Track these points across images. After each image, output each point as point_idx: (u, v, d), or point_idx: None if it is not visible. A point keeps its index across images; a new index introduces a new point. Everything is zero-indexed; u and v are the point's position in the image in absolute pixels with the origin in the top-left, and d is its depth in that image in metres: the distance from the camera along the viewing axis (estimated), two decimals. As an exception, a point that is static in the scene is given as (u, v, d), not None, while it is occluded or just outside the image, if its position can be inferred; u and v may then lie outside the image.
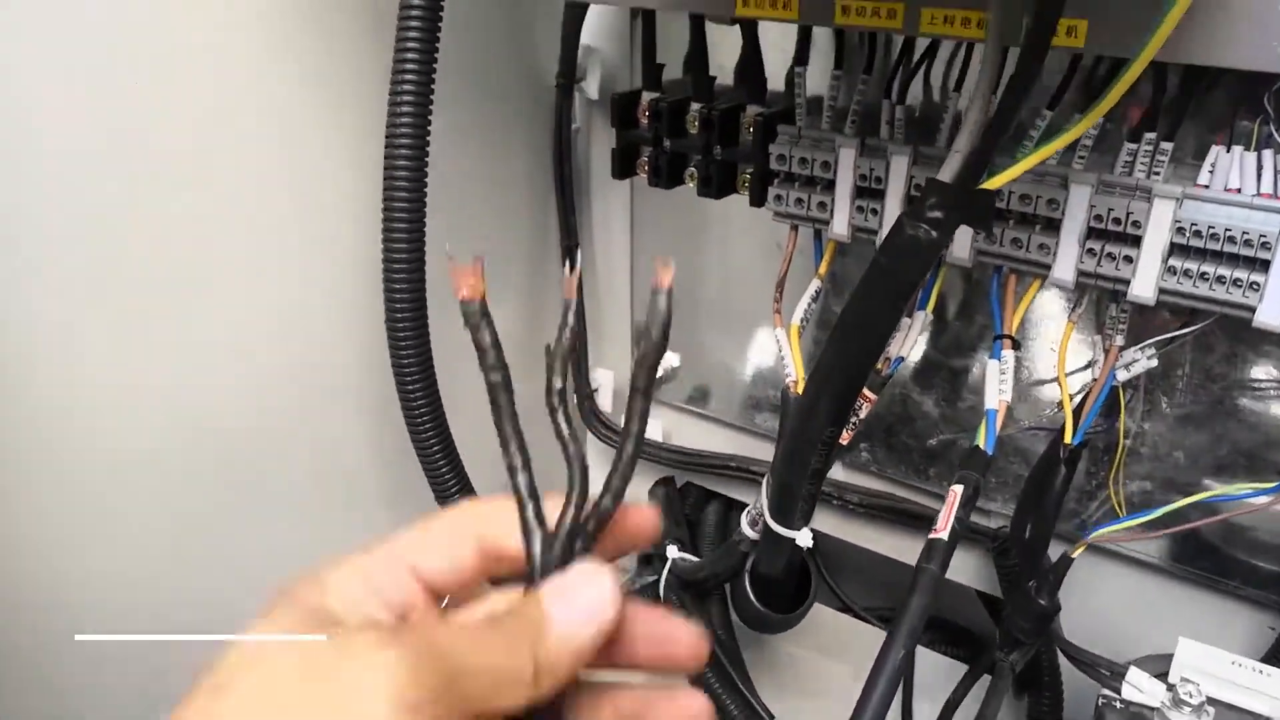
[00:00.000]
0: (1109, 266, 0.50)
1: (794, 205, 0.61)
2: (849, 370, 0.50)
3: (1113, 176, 0.50)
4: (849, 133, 0.58)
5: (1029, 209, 0.52)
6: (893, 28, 0.50)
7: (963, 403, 0.70)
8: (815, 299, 0.63)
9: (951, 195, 0.43)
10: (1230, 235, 0.47)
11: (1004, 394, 0.54)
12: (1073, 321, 0.56)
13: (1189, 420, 0.61)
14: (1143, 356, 0.55)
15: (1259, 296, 0.47)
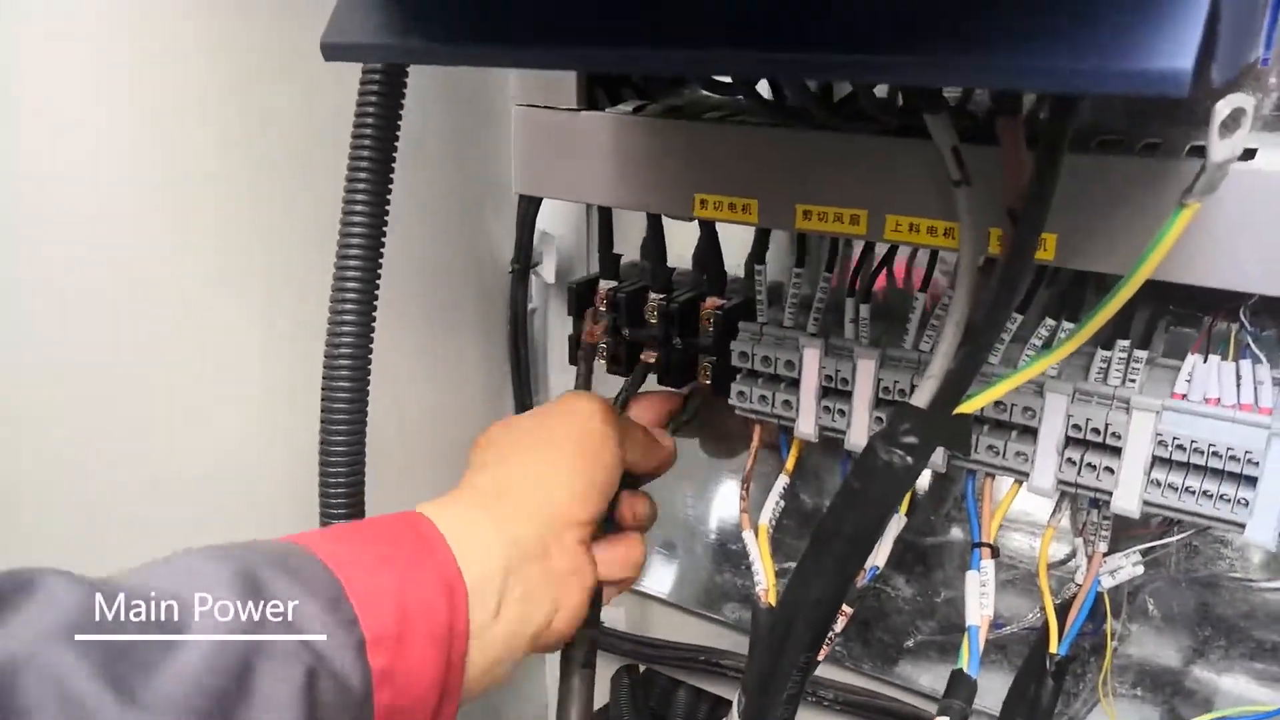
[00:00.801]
0: (1089, 477, 0.48)
1: (758, 403, 0.58)
2: (824, 597, 0.46)
3: (1089, 384, 0.48)
4: (813, 330, 0.57)
5: (1004, 416, 0.50)
6: (856, 234, 0.49)
7: (938, 596, 0.67)
8: (784, 497, 0.60)
9: (926, 421, 0.41)
10: (1214, 450, 0.45)
11: (985, 609, 0.51)
12: (1052, 527, 0.53)
13: (1176, 619, 0.59)
14: (1128, 564, 0.52)
15: (1248, 513, 0.45)
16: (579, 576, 0.49)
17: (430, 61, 0.37)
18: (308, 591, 0.37)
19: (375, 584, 0.39)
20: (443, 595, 0.41)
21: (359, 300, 0.49)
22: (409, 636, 0.39)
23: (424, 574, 0.41)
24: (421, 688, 0.40)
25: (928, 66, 0.26)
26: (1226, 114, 0.30)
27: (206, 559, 0.37)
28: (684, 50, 0.30)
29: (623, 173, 0.56)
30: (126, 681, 0.30)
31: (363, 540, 0.42)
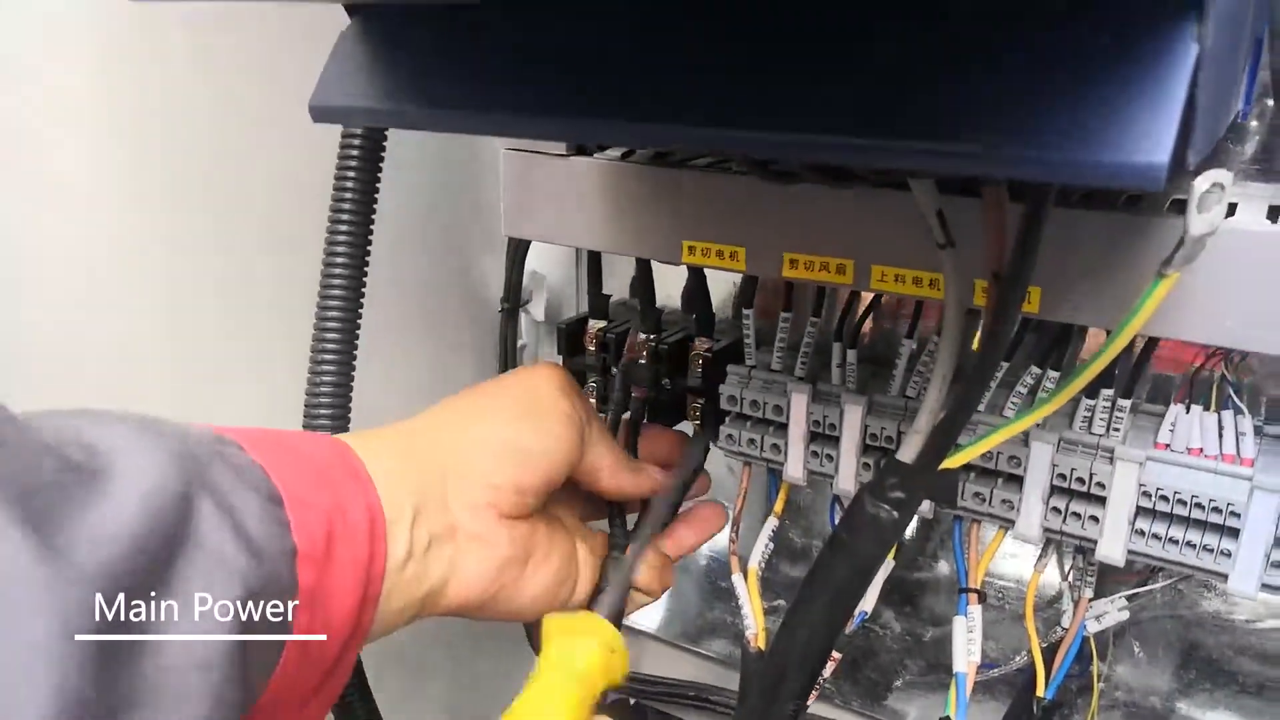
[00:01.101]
0: (1075, 525, 0.49)
1: (746, 445, 0.59)
2: (814, 646, 0.47)
3: (1074, 434, 0.49)
4: (800, 374, 0.57)
5: (990, 464, 0.50)
6: (842, 283, 0.50)
7: (925, 635, 0.67)
8: (773, 539, 0.60)
9: (912, 476, 0.42)
10: (1197, 501, 0.45)
11: (973, 655, 0.52)
12: (1038, 571, 0.54)
13: (1162, 659, 0.59)
14: (1113, 608, 0.53)
15: (1230, 564, 0.45)
16: (483, 545, 0.45)
17: (416, 127, 0.37)
18: (247, 486, 0.35)
19: (309, 496, 0.37)
20: (366, 528, 0.39)
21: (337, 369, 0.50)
22: (334, 558, 0.37)
23: (352, 501, 0.39)
24: (340, 615, 0.38)
25: (911, 153, 0.26)
26: (1204, 189, 0.30)
27: (136, 425, 0.34)
28: (668, 126, 0.30)
29: (611, 218, 0.56)
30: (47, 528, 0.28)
31: (296, 455, 0.40)
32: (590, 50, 0.31)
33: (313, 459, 0.40)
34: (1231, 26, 0.32)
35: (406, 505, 0.42)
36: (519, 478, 0.46)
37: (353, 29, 0.38)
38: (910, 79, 0.26)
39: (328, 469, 0.40)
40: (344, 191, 0.49)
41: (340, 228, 0.49)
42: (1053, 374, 0.49)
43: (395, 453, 0.44)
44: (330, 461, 0.41)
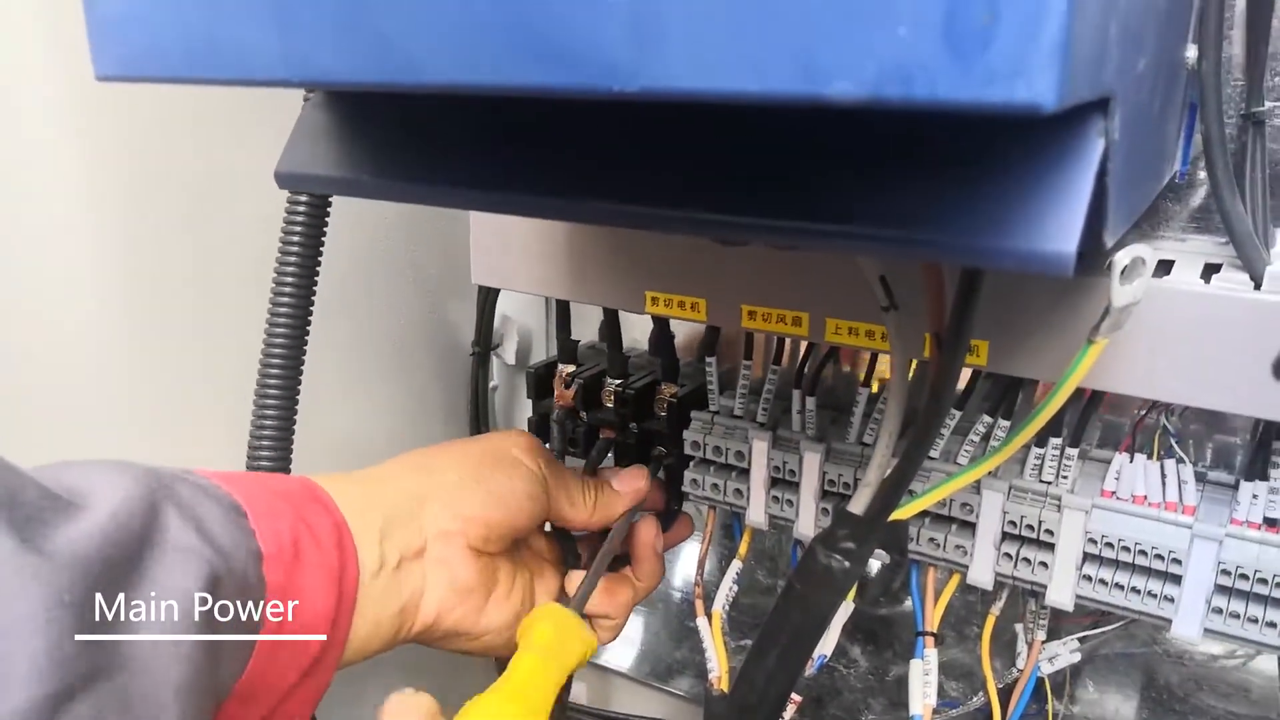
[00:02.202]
0: (1025, 570, 0.50)
1: (710, 490, 0.60)
2: (772, 691, 0.48)
3: (1024, 481, 0.50)
4: (761, 420, 0.58)
5: (944, 511, 0.52)
6: (798, 335, 0.51)
7: (889, 674, 0.68)
8: (737, 581, 0.61)
9: (864, 528, 0.43)
10: (1141, 549, 0.47)
11: (929, 698, 0.53)
12: (994, 614, 0.55)
13: (1119, 696, 0.60)
14: (1065, 651, 0.54)
15: (1174, 609, 0.47)
16: (448, 570, 0.48)
17: (381, 197, 0.38)
18: (210, 499, 0.38)
19: (272, 510, 0.41)
20: (333, 539, 0.43)
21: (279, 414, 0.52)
22: (303, 562, 0.40)
23: (317, 519, 0.43)
24: (314, 616, 0.41)
25: (835, 236, 0.28)
26: (1126, 263, 0.32)
27: (109, 465, 0.37)
28: (625, 206, 0.31)
29: (577, 268, 0.58)
30: (31, 534, 0.31)
31: (260, 482, 0.43)
32: (543, 133, 0.33)
33: (275, 485, 0.44)
34: (1153, 108, 0.34)
35: (374, 524, 0.46)
36: (487, 515, 0.49)
37: (316, 99, 0.40)
38: (841, 175, 0.27)
39: (291, 493, 0.43)
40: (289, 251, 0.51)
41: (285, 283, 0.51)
42: (1004, 422, 0.51)
43: (361, 482, 0.48)
44: (293, 488, 0.44)
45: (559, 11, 0.22)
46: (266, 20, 0.28)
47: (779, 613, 0.46)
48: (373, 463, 0.69)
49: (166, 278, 0.57)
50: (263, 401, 0.52)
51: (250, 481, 0.42)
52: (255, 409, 0.52)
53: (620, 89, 0.22)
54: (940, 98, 0.19)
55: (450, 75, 0.24)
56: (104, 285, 0.55)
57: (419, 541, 0.48)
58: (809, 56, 0.20)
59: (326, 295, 0.64)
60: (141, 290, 0.56)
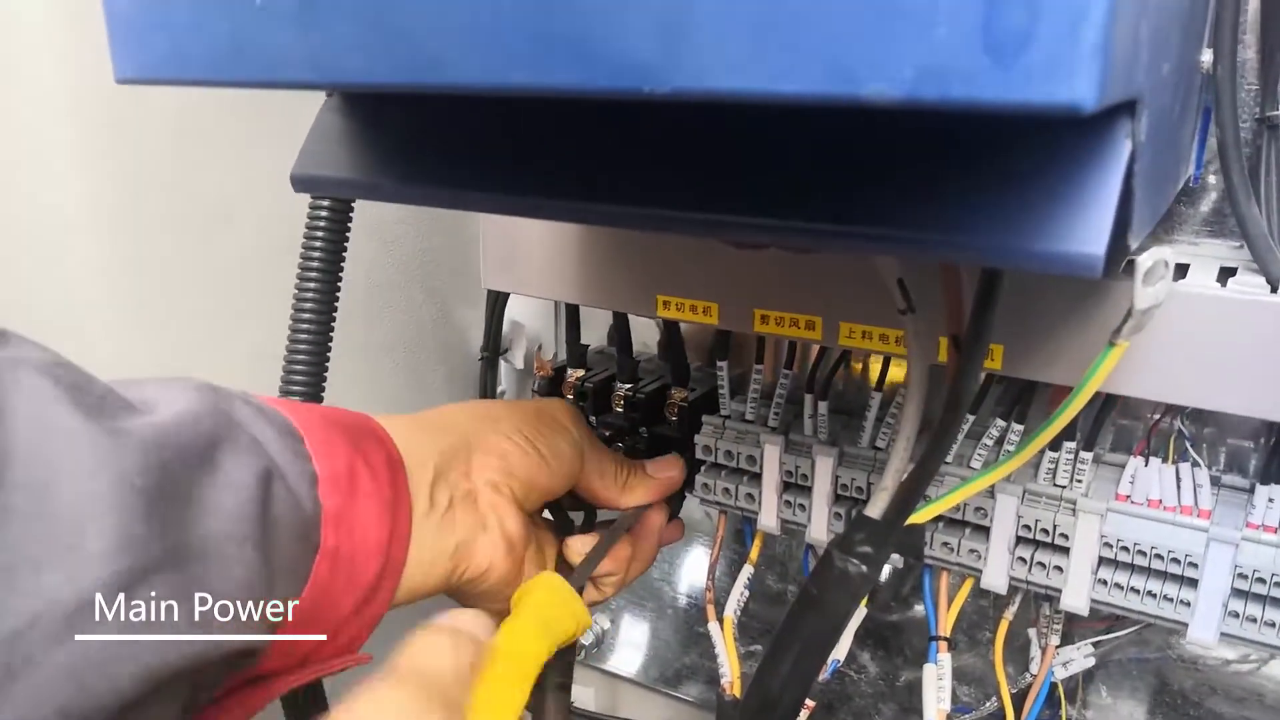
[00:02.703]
0: (1040, 575, 0.50)
1: (721, 495, 0.60)
2: (787, 696, 0.48)
3: (1038, 485, 0.50)
4: (773, 425, 0.58)
5: (958, 515, 0.51)
6: (812, 339, 0.51)
7: (900, 679, 0.68)
8: (749, 587, 0.61)
9: (881, 532, 0.43)
10: (1157, 553, 0.47)
11: (942, 703, 0.53)
12: (1008, 619, 0.55)
13: (1133, 702, 0.60)
14: (1079, 655, 0.54)
15: (1190, 613, 0.47)
16: (500, 521, 0.48)
17: (397, 200, 0.38)
18: (267, 422, 0.39)
19: (328, 438, 0.41)
20: (387, 472, 0.43)
21: None
22: (358, 494, 0.41)
23: (371, 450, 0.43)
24: (369, 546, 0.41)
25: (863, 238, 0.28)
26: (1149, 266, 0.32)
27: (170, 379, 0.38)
28: (643, 209, 0.31)
29: (588, 272, 0.58)
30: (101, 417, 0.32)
31: (317, 412, 0.43)
32: (561, 136, 0.33)
33: (333, 416, 0.44)
34: (1173, 112, 0.34)
35: (428, 464, 0.46)
36: (531, 473, 0.50)
37: (332, 103, 0.40)
38: (866, 177, 0.27)
39: (348, 425, 0.43)
40: (311, 259, 0.51)
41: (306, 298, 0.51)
42: (1017, 426, 0.51)
43: (416, 424, 0.48)
44: (351, 421, 0.44)
45: (590, 12, 0.22)
46: (291, 23, 0.28)
47: (794, 617, 0.46)
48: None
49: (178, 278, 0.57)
50: None
51: (307, 411, 0.43)
52: None
53: (652, 90, 0.22)
54: (979, 99, 0.19)
55: (478, 76, 0.24)
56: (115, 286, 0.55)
57: (470, 485, 0.48)
58: (844, 57, 0.20)
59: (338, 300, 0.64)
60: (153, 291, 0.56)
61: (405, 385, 0.72)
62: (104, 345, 0.54)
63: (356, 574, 0.41)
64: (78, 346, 0.52)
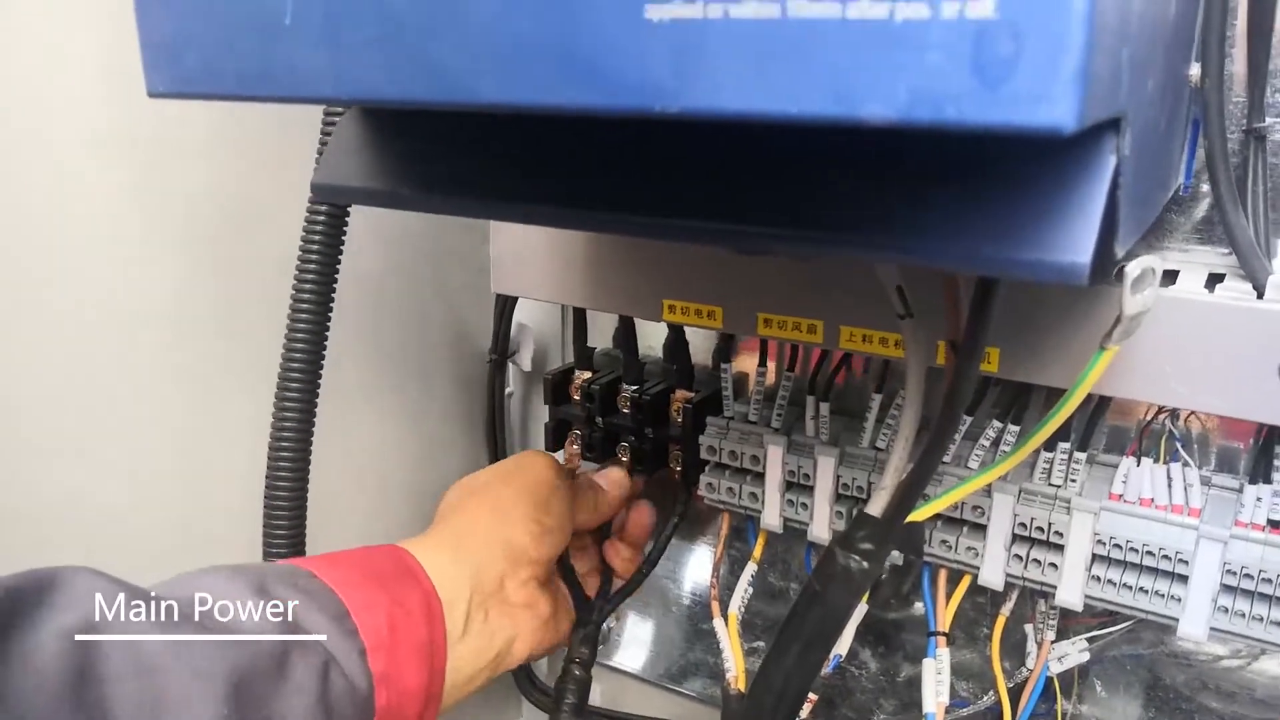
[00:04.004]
0: (1035, 571, 0.51)
1: (725, 494, 0.61)
2: (791, 689, 0.49)
3: (1033, 485, 0.51)
4: (776, 426, 0.60)
5: (955, 513, 0.53)
6: (813, 342, 0.52)
7: (900, 675, 0.69)
8: (752, 584, 0.63)
9: (881, 529, 0.44)
10: (1149, 550, 0.48)
11: (941, 696, 0.54)
12: (1004, 615, 0.56)
13: (1126, 696, 0.61)
14: (1074, 650, 0.55)
15: (1181, 609, 0.48)
16: (533, 610, 0.55)
17: (415, 209, 0.39)
18: (314, 604, 0.43)
19: (369, 599, 0.45)
20: (423, 612, 0.47)
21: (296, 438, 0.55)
22: (399, 646, 0.45)
23: (407, 593, 0.47)
24: (410, 692, 0.45)
25: (863, 247, 0.29)
26: (1136, 274, 0.33)
27: (219, 570, 0.43)
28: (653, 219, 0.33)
29: (595, 277, 0.59)
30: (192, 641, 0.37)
31: (353, 562, 0.48)
32: (572, 148, 0.34)
33: (369, 562, 0.48)
34: (1160, 125, 0.35)
35: (462, 590, 0.51)
36: (547, 553, 0.56)
37: (352, 113, 0.41)
38: (875, 190, 0.29)
39: (384, 573, 0.48)
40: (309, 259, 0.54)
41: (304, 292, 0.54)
42: (1013, 427, 0.52)
43: (448, 549, 0.53)
44: (388, 565, 0.49)
45: (605, 35, 0.24)
46: (318, 41, 0.29)
47: (798, 613, 0.47)
48: (388, 467, 0.71)
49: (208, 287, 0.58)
50: (282, 408, 0.54)
51: (345, 569, 0.47)
52: (274, 416, 0.54)
53: (662, 109, 0.23)
54: (967, 120, 0.20)
55: (498, 95, 0.26)
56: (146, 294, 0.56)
57: (504, 595, 0.53)
58: (844, 81, 0.21)
59: (348, 303, 0.65)
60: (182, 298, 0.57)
61: (415, 389, 0.73)
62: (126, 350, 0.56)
63: (407, 712, 0.46)
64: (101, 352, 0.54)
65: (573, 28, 0.24)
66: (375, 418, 0.70)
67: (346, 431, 0.66)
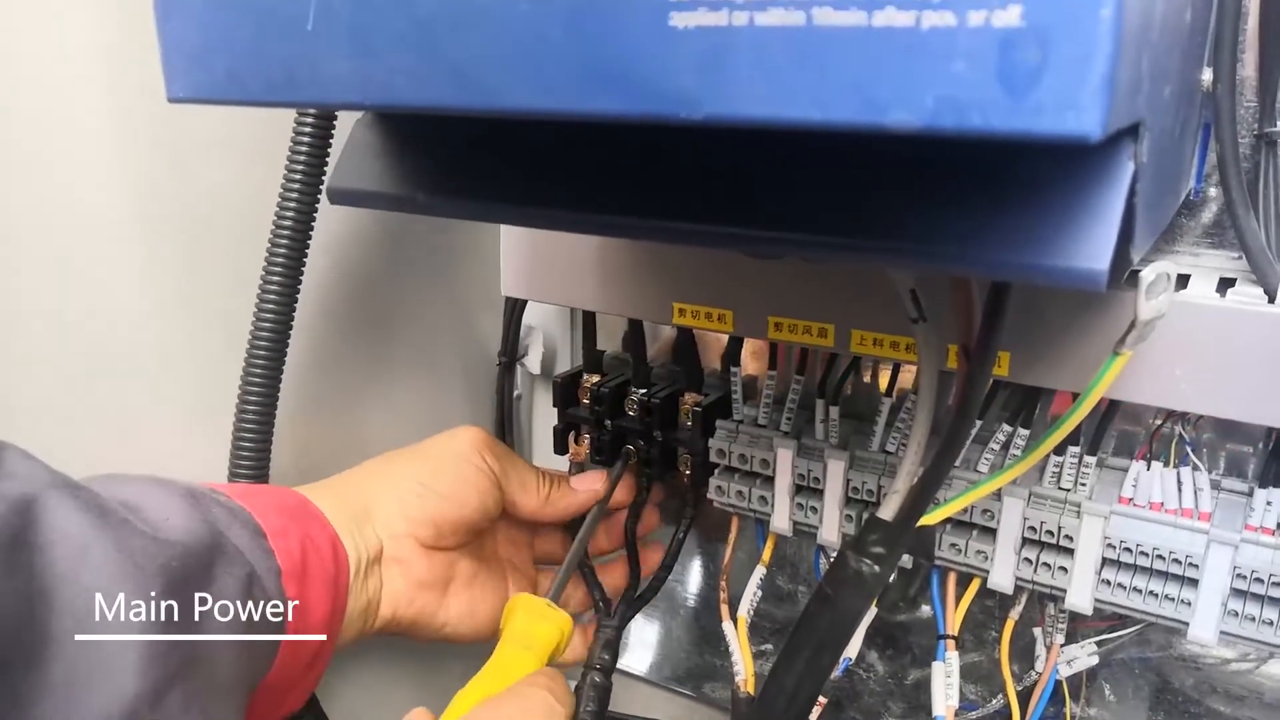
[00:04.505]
0: (1045, 575, 0.52)
1: (735, 497, 0.61)
2: (801, 693, 0.49)
3: (1043, 488, 0.51)
4: (785, 429, 0.60)
5: (965, 517, 0.53)
6: (824, 346, 0.53)
7: (908, 678, 0.70)
8: (761, 587, 0.63)
9: (893, 533, 0.44)
10: (1159, 553, 0.48)
11: (951, 699, 0.54)
12: (1013, 618, 0.56)
13: (1134, 699, 0.62)
14: (1083, 654, 0.56)
15: (1191, 612, 0.48)
16: (404, 569, 0.54)
17: (429, 213, 0.39)
18: (236, 520, 0.44)
19: (283, 526, 0.46)
20: (330, 549, 0.49)
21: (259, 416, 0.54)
22: (310, 576, 0.46)
23: (316, 530, 0.49)
24: (315, 625, 0.47)
25: (882, 252, 0.29)
26: (1152, 280, 0.34)
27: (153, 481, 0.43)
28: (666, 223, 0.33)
29: (605, 280, 0.59)
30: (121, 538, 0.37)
31: (266, 493, 0.49)
32: (586, 152, 0.34)
33: (281, 501, 0.49)
34: (1174, 131, 0.36)
35: (351, 534, 0.51)
36: (435, 514, 0.55)
37: (367, 117, 0.41)
38: (893, 194, 0.29)
39: (294, 509, 0.49)
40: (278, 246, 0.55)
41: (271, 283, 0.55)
42: (1023, 431, 0.52)
43: (332, 494, 0.53)
44: (295, 504, 0.50)
45: (630, 42, 0.24)
46: (342, 47, 0.29)
47: (809, 617, 0.47)
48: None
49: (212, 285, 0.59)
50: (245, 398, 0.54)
51: (264, 499, 0.48)
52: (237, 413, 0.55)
53: (687, 116, 0.24)
54: (993, 128, 0.21)
55: (524, 102, 0.26)
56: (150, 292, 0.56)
57: (377, 545, 0.53)
58: (869, 89, 0.22)
59: (360, 305, 0.66)
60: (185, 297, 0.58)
61: (424, 390, 0.73)
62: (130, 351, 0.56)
63: (308, 646, 0.47)
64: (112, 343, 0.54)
65: (598, 35, 0.24)
66: (385, 418, 0.70)
67: (354, 433, 0.67)
